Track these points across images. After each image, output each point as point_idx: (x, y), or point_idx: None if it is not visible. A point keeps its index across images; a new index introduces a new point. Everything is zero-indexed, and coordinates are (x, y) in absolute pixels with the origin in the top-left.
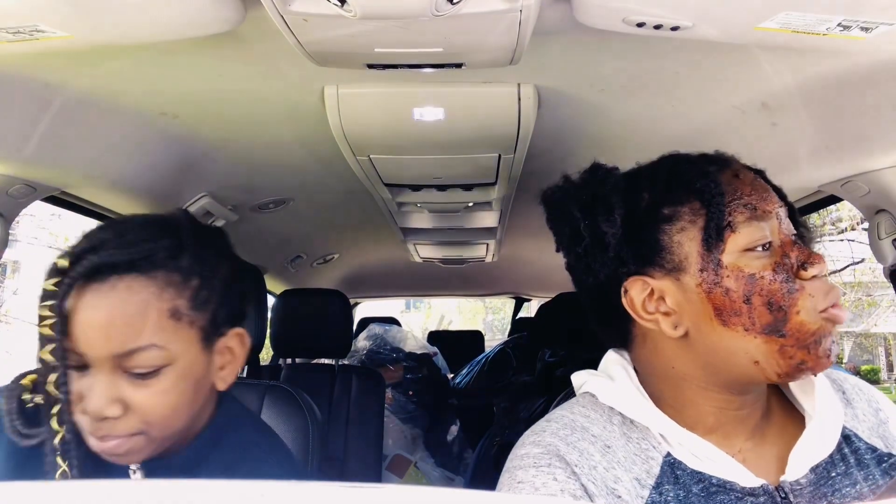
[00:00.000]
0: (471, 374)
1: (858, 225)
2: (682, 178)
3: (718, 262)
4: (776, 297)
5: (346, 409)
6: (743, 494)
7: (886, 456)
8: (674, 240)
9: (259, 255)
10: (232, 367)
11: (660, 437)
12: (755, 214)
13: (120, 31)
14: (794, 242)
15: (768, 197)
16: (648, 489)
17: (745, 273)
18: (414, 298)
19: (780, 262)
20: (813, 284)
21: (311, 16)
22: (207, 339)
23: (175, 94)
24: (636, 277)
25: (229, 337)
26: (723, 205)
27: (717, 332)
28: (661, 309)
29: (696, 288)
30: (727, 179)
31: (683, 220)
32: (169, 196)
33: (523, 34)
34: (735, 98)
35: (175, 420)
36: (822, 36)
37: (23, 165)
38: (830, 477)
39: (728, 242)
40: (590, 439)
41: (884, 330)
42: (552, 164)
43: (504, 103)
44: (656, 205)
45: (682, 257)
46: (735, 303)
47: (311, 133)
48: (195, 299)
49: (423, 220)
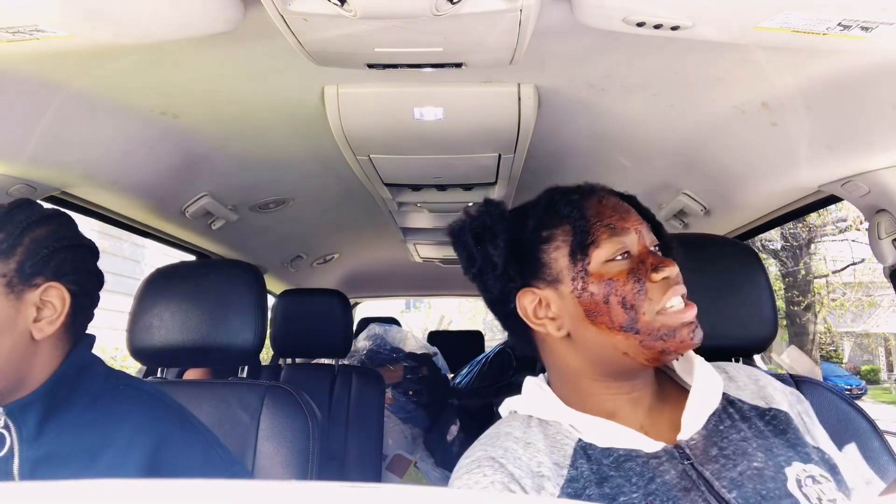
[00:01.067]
0: (471, 374)
1: (862, 224)
2: (554, 206)
3: (586, 272)
4: (628, 297)
5: (346, 409)
6: (648, 458)
7: (767, 410)
8: (551, 256)
9: (259, 255)
10: (50, 320)
11: (570, 427)
12: (615, 231)
13: (120, 30)
14: (650, 252)
15: (628, 217)
16: (566, 468)
17: (605, 278)
18: (414, 298)
19: (636, 268)
20: (656, 286)
21: (311, 15)
22: (11, 285)
23: (175, 94)
24: (525, 290)
25: (44, 289)
26: (586, 226)
27: (590, 331)
28: (549, 315)
29: (570, 294)
30: (591, 205)
31: (558, 240)
32: (169, 195)
33: (523, 34)
34: (735, 98)
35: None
36: (822, 36)
37: (23, 165)
38: (718, 430)
39: (592, 256)
40: (512, 440)
41: (884, 330)
42: (552, 164)
43: (504, 103)
44: (537, 229)
45: (558, 270)
46: (598, 304)
47: (311, 133)
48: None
49: (423, 220)
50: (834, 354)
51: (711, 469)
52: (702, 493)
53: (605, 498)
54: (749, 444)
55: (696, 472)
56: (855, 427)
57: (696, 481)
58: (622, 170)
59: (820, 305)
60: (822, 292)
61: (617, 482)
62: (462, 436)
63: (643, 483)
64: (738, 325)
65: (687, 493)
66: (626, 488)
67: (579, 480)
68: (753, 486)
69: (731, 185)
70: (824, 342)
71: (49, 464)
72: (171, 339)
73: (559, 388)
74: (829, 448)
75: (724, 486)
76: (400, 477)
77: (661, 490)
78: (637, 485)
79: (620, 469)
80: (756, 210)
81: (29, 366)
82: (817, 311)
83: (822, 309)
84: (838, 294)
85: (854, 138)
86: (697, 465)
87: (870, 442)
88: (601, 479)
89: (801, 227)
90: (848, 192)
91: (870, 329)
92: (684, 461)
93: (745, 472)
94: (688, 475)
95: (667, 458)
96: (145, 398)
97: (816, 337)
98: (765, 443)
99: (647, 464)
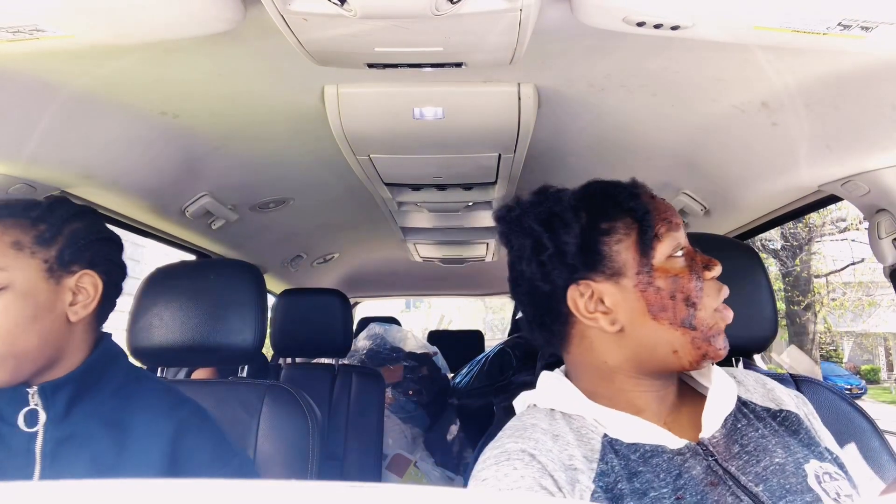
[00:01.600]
0: (471, 374)
1: (861, 224)
2: (615, 199)
3: (651, 266)
4: (691, 294)
5: (346, 409)
6: (673, 454)
7: (778, 412)
8: (613, 249)
9: (259, 255)
10: (84, 304)
11: (595, 422)
12: (671, 226)
13: (120, 30)
14: (695, 249)
15: (675, 213)
16: (596, 462)
17: (670, 274)
18: (414, 298)
19: (693, 266)
20: (710, 284)
21: (311, 15)
22: (51, 270)
23: (175, 94)
24: (582, 282)
25: (80, 275)
26: (651, 219)
27: (648, 326)
28: (600, 309)
29: (633, 288)
30: (648, 200)
31: (619, 233)
32: (169, 195)
33: (523, 34)
34: (735, 98)
35: (19, 340)
36: (822, 35)
37: (23, 165)
38: (737, 428)
39: (657, 250)
40: (540, 431)
41: (884, 330)
42: (552, 164)
43: (504, 103)
44: (595, 221)
45: (620, 263)
46: (664, 299)
47: (311, 132)
48: (40, 238)
49: (423, 220)
50: (834, 354)
51: (736, 465)
52: (729, 487)
53: (635, 493)
54: (768, 442)
55: (721, 467)
56: (855, 427)
57: (723, 476)
58: (622, 169)
59: (820, 305)
60: (822, 292)
61: (647, 477)
62: (462, 436)
63: (671, 479)
64: (739, 325)
65: (714, 487)
66: (655, 483)
67: (610, 475)
68: (777, 481)
69: (731, 185)
70: (824, 342)
71: (71, 444)
72: (171, 338)
73: (586, 383)
74: (836, 448)
75: (750, 481)
76: (400, 477)
77: (689, 485)
78: (665, 480)
79: (648, 464)
80: (756, 210)
81: (63, 346)
82: (817, 311)
83: (822, 309)
84: (838, 294)
85: (854, 138)
86: (722, 462)
87: (870, 442)
88: (631, 474)
89: (801, 226)
90: (848, 191)
91: (870, 329)
92: (709, 457)
93: (769, 467)
94: (713, 470)
95: (691, 455)
96: (163, 389)
97: (816, 337)
98: (782, 441)
99: (673, 460)
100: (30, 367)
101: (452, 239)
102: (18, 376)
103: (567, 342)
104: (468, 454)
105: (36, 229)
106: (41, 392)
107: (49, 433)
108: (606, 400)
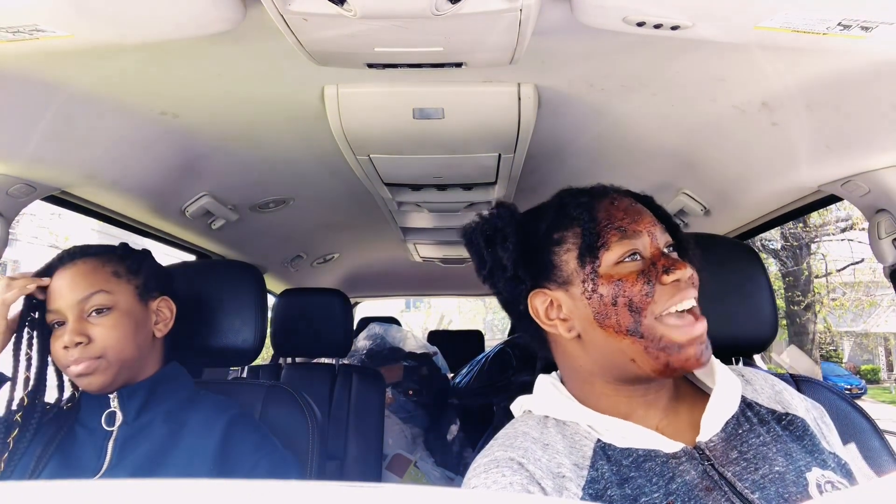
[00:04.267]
0: (471, 374)
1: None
2: (565, 209)
3: (596, 274)
4: (634, 298)
5: (346, 409)
6: (667, 458)
7: (784, 415)
8: (562, 259)
9: (259, 255)
10: (165, 323)
11: (588, 428)
12: (625, 234)
13: (120, 30)
14: (663, 254)
15: (640, 218)
16: (586, 469)
17: (614, 280)
18: (414, 298)
19: (646, 270)
20: (666, 289)
21: (310, 15)
22: (141, 295)
23: (175, 94)
24: (537, 291)
25: (159, 300)
26: (595, 228)
27: (598, 333)
28: (560, 316)
29: (580, 296)
30: (602, 207)
31: (568, 242)
32: (169, 195)
33: (523, 34)
34: (735, 98)
35: (124, 350)
36: (822, 35)
37: (23, 165)
38: (738, 433)
39: (602, 258)
40: (531, 440)
41: (884, 330)
42: (552, 164)
43: (504, 103)
44: (548, 232)
45: (568, 272)
46: (606, 306)
47: (311, 132)
48: (130, 268)
49: (423, 220)
50: (834, 354)
51: (733, 471)
52: (724, 493)
53: (626, 499)
54: (769, 449)
55: (717, 472)
56: (855, 426)
57: (718, 482)
58: (622, 169)
59: (820, 305)
60: (822, 292)
61: (638, 483)
62: (462, 436)
63: (663, 483)
64: (739, 325)
65: (709, 492)
66: (646, 488)
67: (600, 482)
68: (776, 490)
69: (731, 185)
70: (824, 342)
71: (136, 439)
72: (171, 338)
73: (574, 388)
74: (845, 454)
75: (746, 488)
76: (400, 477)
77: (682, 490)
78: (657, 485)
79: (640, 469)
80: (756, 210)
81: (145, 358)
82: (817, 311)
83: (822, 308)
84: (838, 294)
85: (854, 138)
86: (718, 467)
87: (870, 441)
88: (622, 480)
89: (801, 226)
90: (848, 191)
91: (870, 329)
92: (705, 462)
93: (767, 475)
94: (709, 475)
95: (686, 459)
96: (216, 395)
97: (816, 336)
98: (784, 447)
99: (667, 464)
100: (126, 374)
101: (452, 239)
102: (116, 382)
103: (547, 348)
104: (468, 454)
105: (125, 262)
106: (119, 396)
107: (122, 431)
108: (595, 404)
